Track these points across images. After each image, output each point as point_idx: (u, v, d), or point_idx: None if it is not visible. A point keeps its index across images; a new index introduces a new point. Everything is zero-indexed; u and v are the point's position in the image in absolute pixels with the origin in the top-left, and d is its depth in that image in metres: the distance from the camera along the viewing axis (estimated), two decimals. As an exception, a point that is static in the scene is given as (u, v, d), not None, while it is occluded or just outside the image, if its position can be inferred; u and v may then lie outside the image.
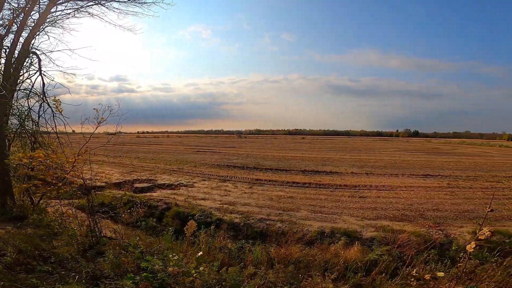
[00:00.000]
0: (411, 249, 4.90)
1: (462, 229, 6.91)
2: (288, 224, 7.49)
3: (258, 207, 9.14)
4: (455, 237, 6.37)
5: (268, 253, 5.45)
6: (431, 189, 12.10)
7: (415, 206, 9.26)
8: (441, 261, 4.74)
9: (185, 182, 13.18)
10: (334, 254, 5.20)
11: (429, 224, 7.35)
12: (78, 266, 3.17)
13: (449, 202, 9.86)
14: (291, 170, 17.04)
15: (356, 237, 6.68)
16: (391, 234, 6.46)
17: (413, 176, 15.59)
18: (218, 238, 6.19)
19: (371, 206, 9.29)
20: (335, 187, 12.53)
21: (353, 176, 15.47)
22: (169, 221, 8.01)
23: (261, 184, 13.08)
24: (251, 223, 7.72)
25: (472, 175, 15.94)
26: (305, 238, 6.67)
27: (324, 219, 7.91)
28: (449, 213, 8.44)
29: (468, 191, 11.67)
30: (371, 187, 12.51)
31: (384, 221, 7.68)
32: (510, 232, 6.22)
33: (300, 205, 9.47)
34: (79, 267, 3.14)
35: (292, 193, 11.29)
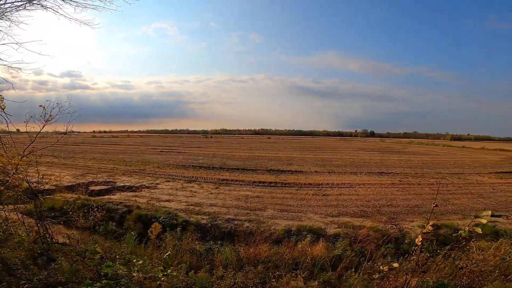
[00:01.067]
0: (371, 244, 5.25)
1: (413, 223, 7.56)
2: (255, 224, 7.52)
3: (225, 208, 9.04)
4: (407, 231, 6.94)
5: (237, 253, 5.44)
6: (385, 186, 13.04)
7: (372, 202, 9.92)
8: (397, 255, 5.15)
9: (147, 183, 12.56)
10: (301, 251, 5.35)
11: (384, 219, 7.92)
12: (29, 273, 2.88)
13: (401, 198, 10.71)
14: (257, 170, 17.17)
15: (321, 234, 6.93)
16: (352, 230, 6.84)
17: (370, 174, 16.69)
18: (186, 240, 6.03)
19: (333, 204, 9.74)
20: (300, 185, 12.90)
21: (316, 174, 16.09)
22: (131, 224, 7.57)
23: (228, 184, 12.98)
24: (219, 224, 7.61)
25: (420, 172, 17.55)
26: (273, 237, 6.75)
27: (290, 218, 8.10)
28: (401, 208, 9.18)
29: (417, 187, 12.82)
30: (333, 185, 13.12)
31: (345, 218, 8.11)
32: (455, 226, 6.95)
33: (267, 204, 9.58)
34: (30, 274, 2.85)
35: (259, 192, 11.38)
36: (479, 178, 15.75)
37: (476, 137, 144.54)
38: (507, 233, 6.58)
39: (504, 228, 7.11)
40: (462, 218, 7.91)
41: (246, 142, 62.39)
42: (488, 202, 10.11)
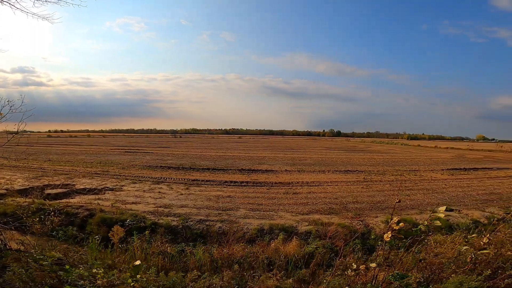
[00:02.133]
0: (340, 240, 5.47)
1: (377, 219, 8.01)
2: (228, 224, 7.46)
3: (197, 208, 8.85)
4: (372, 226, 7.33)
5: (211, 254, 5.35)
6: (351, 183, 13.68)
7: (339, 199, 10.34)
8: (364, 249, 5.43)
9: (111, 186, 11.84)
10: (275, 250, 5.41)
11: (351, 215, 8.30)
12: (-20, 282, 2.57)
13: (365, 194, 11.31)
14: (228, 169, 17.07)
15: (293, 231, 7.06)
16: (322, 227, 7.07)
17: (337, 172, 17.43)
18: (155, 243, 5.81)
19: (303, 202, 9.99)
20: (271, 184, 13.06)
21: (287, 173, 16.41)
22: (94, 228, 7.09)
23: (199, 184, 12.72)
24: (190, 225, 7.43)
25: (382, 170, 18.70)
26: (246, 237, 6.75)
27: (262, 217, 8.16)
28: (366, 204, 9.69)
29: (379, 184, 13.63)
30: (303, 183, 13.47)
31: (315, 215, 8.36)
32: (414, 220, 7.50)
33: (239, 203, 9.55)
34: (-19, 283, 2.55)
35: (231, 192, 11.31)
36: (432, 174, 17.18)
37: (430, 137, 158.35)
38: (459, 226, 7.25)
39: (456, 221, 7.83)
40: (419, 213, 8.56)
41: (217, 141, 61.76)
42: (441, 197, 11.07)
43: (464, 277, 2.69)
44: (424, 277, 3.01)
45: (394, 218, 3.28)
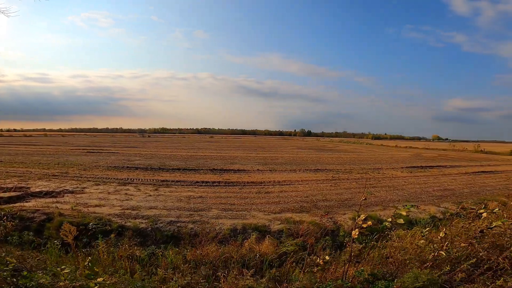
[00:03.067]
0: (311, 237, 5.63)
1: (345, 216, 8.37)
2: (200, 225, 7.33)
3: (167, 210, 8.57)
4: (341, 223, 7.64)
5: (183, 256, 5.22)
6: (320, 182, 14.13)
7: (310, 198, 10.63)
8: (334, 246, 5.65)
9: (71, 188, 11.04)
10: (249, 249, 5.41)
11: (321, 213, 8.58)
12: None
13: (333, 192, 11.75)
14: (200, 169, 16.76)
15: (266, 231, 7.12)
16: (294, 225, 7.22)
17: (307, 171, 17.90)
18: (123, 247, 5.53)
19: (275, 201, 10.12)
20: (243, 184, 13.05)
21: (259, 173, 16.50)
22: (53, 233, 6.58)
23: (168, 185, 12.32)
24: (161, 227, 7.18)
25: (348, 168, 19.58)
26: (219, 237, 6.67)
27: (235, 216, 8.12)
28: (334, 202, 10.07)
29: (346, 182, 14.24)
30: (275, 182, 13.64)
31: (287, 214, 8.51)
32: (378, 216, 7.95)
33: (211, 204, 9.42)
34: None
35: (202, 192, 11.11)
36: (393, 172, 18.34)
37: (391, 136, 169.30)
38: (418, 221, 7.81)
39: (415, 217, 8.43)
40: (383, 209, 9.09)
41: (188, 141, 60.36)
42: (402, 193, 11.86)
43: (419, 271, 2.90)
44: (389, 272, 3.20)
45: (361, 216, 3.44)
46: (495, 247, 3.39)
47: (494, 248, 3.38)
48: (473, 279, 2.89)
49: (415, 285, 2.63)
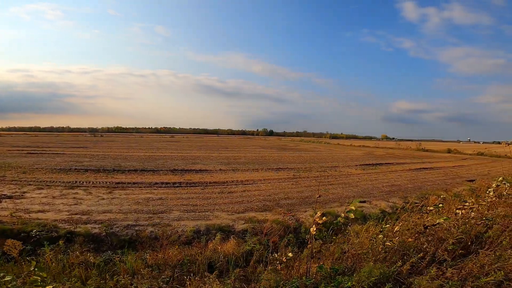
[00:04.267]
0: (275, 235, 5.72)
1: (306, 213, 8.66)
2: (161, 227, 7.00)
3: (123, 213, 8.02)
4: (303, 221, 7.89)
5: (144, 260, 4.92)
6: (282, 180, 14.47)
7: (272, 196, 10.81)
8: (297, 243, 5.80)
9: (9, 193, 9.75)
10: (213, 250, 5.31)
11: (283, 211, 8.78)
12: None
13: (295, 190, 12.11)
14: (159, 170, 16.02)
15: (230, 231, 7.06)
16: (258, 224, 7.27)
17: (270, 170, 18.20)
18: (74, 253, 5.06)
19: (238, 200, 10.09)
20: (205, 184, 12.79)
21: (221, 172, 16.33)
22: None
23: (124, 187, 11.55)
24: (117, 232, 6.69)
25: (308, 167, 20.38)
26: (182, 239, 6.45)
27: (198, 218, 7.92)
28: (296, 200, 10.38)
29: (306, 180, 14.80)
30: (238, 182, 13.61)
31: (251, 213, 8.54)
32: (336, 212, 8.38)
33: (172, 205, 9.06)
34: None
35: (162, 194, 10.63)
36: (349, 170, 19.56)
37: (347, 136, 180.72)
38: (371, 216, 8.40)
39: (369, 212, 9.06)
40: (340, 206, 9.61)
41: (146, 141, 57.36)
42: (356, 190, 12.69)
43: (373, 265, 3.12)
44: (347, 267, 3.38)
45: (318, 213, 3.58)
46: (436, 240, 3.80)
47: (435, 241, 3.78)
48: (420, 270, 3.19)
49: (370, 279, 2.82)
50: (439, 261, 3.39)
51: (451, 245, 3.68)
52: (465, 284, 2.78)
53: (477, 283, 2.78)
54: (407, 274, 3.09)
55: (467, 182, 15.35)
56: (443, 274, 2.98)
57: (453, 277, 2.98)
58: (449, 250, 3.62)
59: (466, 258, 3.51)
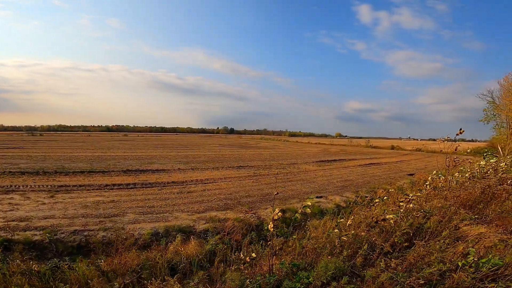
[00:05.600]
0: (238, 234, 5.68)
1: (267, 210, 8.79)
2: (114, 231, 6.51)
3: (68, 218, 7.27)
4: (264, 218, 7.99)
5: (98, 266, 4.53)
6: (243, 179, 14.50)
7: (233, 195, 10.77)
8: (260, 240, 5.83)
9: None
10: (174, 252, 5.09)
11: (245, 209, 8.80)
12: None
13: (255, 188, 12.23)
14: (110, 171, 14.85)
15: (191, 231, 6.85)
16: (220, 224, 7.17)
17: (230, 168, 18.11)
18: (15, 262, 4.49)
19: (199, 200, 9.84)
20: (163, 185, 12.23)
21: (180, 172, 15.77)
22: None
23: (69, 191, 10.47)
24: (62, 238, 6.08)
25: (268, 164, 20.76)
26: (140, 242, 6.08)
27: (156, 219, 7.52)
28: (256, 197, 10.48)
29: (266, 178, 15.04)
30: (197, 181, 13.28)
31: (212, 212, 8.39)
32: (295, 209, 8.63)
33: (126, 208, 8.47)
34: None
35: (114, 196, 9.88)
36: (306, 166, 20.40)
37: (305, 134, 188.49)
38: (328, 211, 8.85)
39: (325, 207, 9.53)
40: (298, 201, 9.95)
41: (95, 140, 52.82)
42: (314, 186, 13.28)
43: (329, 260, 3.28)
44: (307, 262, 3.49)
45: (275, 210, 3.65)
46: (385, 233, 4.15)
47: (384, 234, 4.12)
48: (372, 263, 3.44)
49: (327, 274, 2.95)
50: (386, 253, 3.68)
51: (398, 237, 4.03)
52: (411, 275, 3.03)
53: (422, 273, 3.04)
54: (361, 266, 3.30)
55: (408, 176, 17.12)
56: (391, 265, 3.24)
57: (398, 268, 3.25)
58: (396, 242, 3.96)
59: (409, 249, 3.87)
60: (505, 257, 3.15)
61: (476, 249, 3.41)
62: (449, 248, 3.56)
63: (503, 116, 34.10)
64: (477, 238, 4.23)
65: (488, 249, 3.67)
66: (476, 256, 3.10)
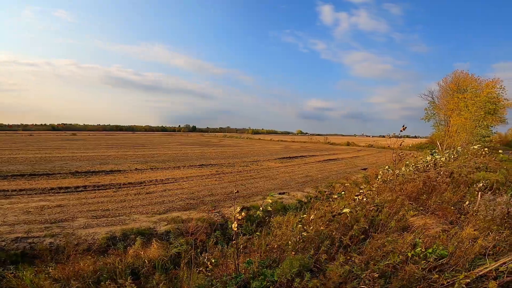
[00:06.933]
0: (202, 234, 5.53)
1: (231, 208, 8.71)
2: (63, 237, 5.94)
3: (8, 225, 6.46)
4: (229, 217, 7.90)
5: (48, 274, 4.10)
6: (205, 177, 14.23)
7: (196, 194, 10.51)
8: (226, 239, 5.75)
9: None
10: (135, 256, 4.78)
11: (208, 208, 8.63)
12: None
13: (219, 186, 12.08)
14: (56, 174, 13.45)
15: (152, 234, 6.51)
16: (182, 224, 6.92)
17: (192, 167, 17.64)
18: None
19: (159, 201, 9.41)
20: (118, 186, 11.45)
21: (137, 172, 14.91)
22: None
23: (7, 196, 9.27)
24: (3, 246, 5.42)
25: (231, 162, 20.67)
26: (94, 248, 5.61)
27: (111, 223, 7.01)
28: (220, 196, 10.35)
29: (230, 176, 14.97)
30: (157, 181, 12.69)
31: (174, 213, 8.07)
32: (259, 206, 8.68)
33: (76, 212, 7.77)
34: None
35: (61, 200, 8.99)
36: (269, 163, 20.75)
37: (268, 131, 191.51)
38: (290, 207, 9.08)
39: (288, 203, 9.76)
40: (262, 198, 10.06)
41: (39, 140, 47.46)
42: (276, 182, 13.56)
43: (294, 257, 3.36)
44: (272, 259, 3.53)
45: (237, 208, 3.64)
46: (343, 226, 4.39)
47: (342, 227, 4.37)
48: (333, 257, 3.61)
49: (292, 271, 3.02)
50: (346, 246, 3.89)
51: (356, 230, 4.29)
52: (368, 267, 3.23)
53: (378, 266, 3.25)
54: (324, 261, 3.44)
55: (361, 171, 18.40)
56: (350, 259, 3.43)
57: (356, 261, 3.45)
58: (354, 235, 4.21)
59: (366, 241, 4.13)
60: (448, 247, 3.51)
61: (422, 240, 3.76)
62: (399, 239, 3.87)
63: (441, 114, 38.51)
64: (423, 228, 4.69)
65: (432, 239, 4.06)
66: (423, 247, 3.39)
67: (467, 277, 2.83)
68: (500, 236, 4.06)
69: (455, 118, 32.07)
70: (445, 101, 37.01)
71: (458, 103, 32.11)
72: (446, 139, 32.67)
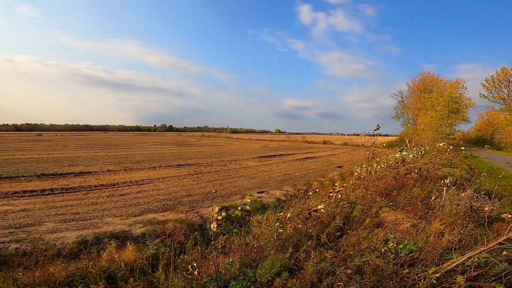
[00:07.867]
0: (180, 235, 5.39)
1: (209, 208, 8.60)
2: (30, 243, 5.59)
3: (-37, 235, 5.91)
4: (207, 217, 7.79)
5: (15, 281, 3.82)
6: (183, 177, 13.95)
7: (173, 194, 10.26)
8: (205, 240, 5.65)
9: None
10: (110, 260, 4.57)
11: (186, 209, 8.46)
12: None
13: (196, 187, 11.89)
14: (19, 177, 12.52)
15: (127, 236, 6.27)
16: (159, 226, 6.72)
17: (169, 167, 17.21)
18: None
19: (134, 202, 9.08)
20: (89, 188, 10.89)
21: (110, 174, 14.28)
22: None
23: (-38, 202, 8.47)
24: None
25: (210, 162, 20.43)
26: (65, 252, 5.32)
27: (82, 227, 6.66)
28: (198, 196, 10.19)
29: (208, 175, 14.79)
30: (131, 182, 12.24)
31: (149, 215, 7.82)
32: (238, 205, 8.65)
33: (43, 216, 7.30)
34: None
35: (25, 204, 8.40)
36: (248, 163, 20.77)
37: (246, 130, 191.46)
38: (269, 205, 9.14)
39: (267, 201, 9.82)
40: (241, 198, 10.04)
41: (0, 141, 43.92)
42: (255, 181, 13.59)
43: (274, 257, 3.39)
44: (253, 259, 3.53)
45: (216, 208, 3.61)
46: (320, 224, 4.49)
47: (319, 225, 4.46)
48: (310, 254, 3.67)
49: (272, 271, 3.03)
50: (323, 243, 3.98)
51: (332, 228, 4.39)
52: (346, 265, 3.31)
53: (354, 262, 3.34)
54: (303, 259, 3.49)
55: (337, 168, 18.98)
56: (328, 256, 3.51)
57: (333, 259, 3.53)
58: (330, 232, 4.31)
59: (341, 238, 4.24)
60: (418, 242, 3.68)
61: (394, 235, 3.93)
62: (373, 235, 4.02)
63: (410, 113, 40.75)
64: (394, 223, 4.90)
65: (403, 235, 4.24)
66: (395, 242, 3.53)
67: (436, 272, 2.92)
68: (465, 230, 4.31)
69: (422, 117, 34.05)
70: (413, 100, 39.25)
71: (425, 103, 34.14)
72: (414, 137, 34.63)
